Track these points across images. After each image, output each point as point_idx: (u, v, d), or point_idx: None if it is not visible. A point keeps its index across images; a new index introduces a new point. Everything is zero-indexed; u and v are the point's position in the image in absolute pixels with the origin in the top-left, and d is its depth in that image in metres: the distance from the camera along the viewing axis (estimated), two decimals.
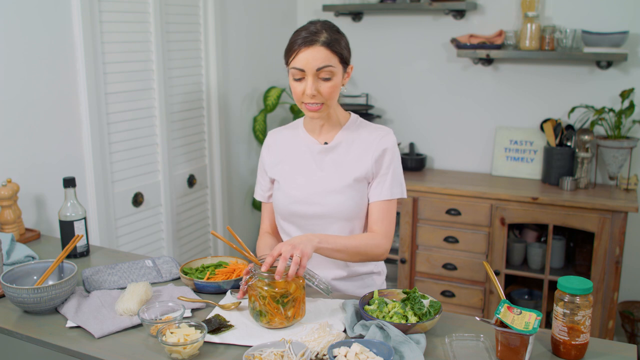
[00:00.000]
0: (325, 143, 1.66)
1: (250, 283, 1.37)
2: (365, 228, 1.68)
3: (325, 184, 1.63)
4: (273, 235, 1.81)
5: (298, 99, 1.58)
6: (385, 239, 1.60)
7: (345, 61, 1.57)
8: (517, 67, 3.21)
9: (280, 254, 1.37)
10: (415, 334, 1.29)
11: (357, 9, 3.36)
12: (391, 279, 3.28)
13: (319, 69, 1.52)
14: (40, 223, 2.15)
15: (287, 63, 1.57)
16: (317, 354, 1.22)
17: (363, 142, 1.64)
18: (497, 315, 1.26)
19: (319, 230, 1.64)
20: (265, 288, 1.34)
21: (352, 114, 1.71)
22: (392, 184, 1.62)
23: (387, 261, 3.20)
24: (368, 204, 1.64)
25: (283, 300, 1.34)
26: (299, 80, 1.55)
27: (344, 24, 3.52)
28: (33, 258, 1.77)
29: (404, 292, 1.44)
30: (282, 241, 1.72)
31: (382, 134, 1.64)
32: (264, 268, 1.35)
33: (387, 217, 1.62)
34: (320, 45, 1.52)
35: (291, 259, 1.37)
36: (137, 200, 2.54)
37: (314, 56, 1.51)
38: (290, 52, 1.55)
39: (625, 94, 2.87)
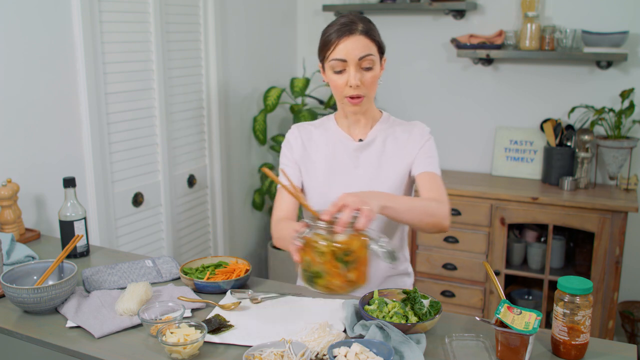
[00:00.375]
0: (360, 140, 1.63)
1: (304, 234, 1.17)
2: (402, 230, 1.67)
3: (364, 182, 1.60)
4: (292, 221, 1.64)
5: (340, 93, 1.54)
6: (445, 203, 1.50)
7: (382, 51, 1.55)
8: (517, 67, 3.21)
9: (344, 205, 1.20)
10: (415, 334, 1.29)
11: (357, 9, 3.36)
12: None
13: (360, 58, 1.49)
14: (40, 223, 2.15)
15: (325, 58, 1.53)
16: (317, 354, 1.22)
17: (399, 139, 1.62)
18: (497, 315, 1.26)
19: None
20: (324, 243, 1.15)
21: (384, 111, 1.69)
22: (437, 165, 1.61)
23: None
24: (414, 178, 1.60)
25: (344, 259, 1.15)
26: (340, 72, 1.51)
27: None
28: (33, 258, 1.77)
29: (404, 292, 1.44)
30: None
31: (415, 128, 1.63)
32: (325, 216, 1.17)
33: (440, 185, 1.56)
34: (359, 34, 1.49)
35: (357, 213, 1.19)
36: (137, 200, 2.54)
37: (354, 45, 1.48)
38: (328, 44, 1.51)
39: (625, 94, 2.87)
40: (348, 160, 1.62)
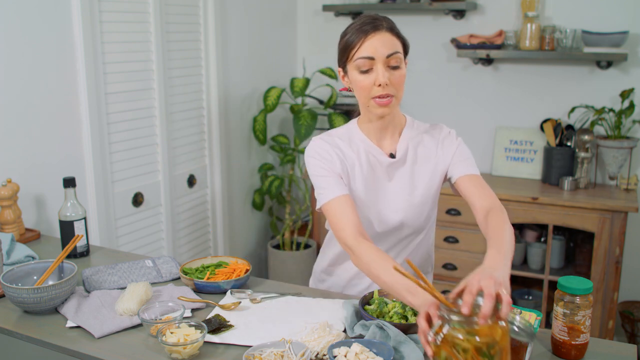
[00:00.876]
0: (392, 155, 1.53)
1: (442, 333, 1.01)
2: (432, 234, 1.64)
3: (398, 200, 1.53)
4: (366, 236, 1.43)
5: (366, 95, 1.44)
6: (500, 204, 1.43)
7: (406, 50, 1.48)
8: (517, 67, 3.21)
9: (480, 290, 1.03)
10: (415, 334, 1.29)
11: (357, 9, 3.36)
12: None
13: (388, 56, 1.41)
14: (40, 223, 2.15)
15: (348, 58, 1.44)
16: (317, 354, 1.22)
17: (428, 145, 1.56)
18: None
19: (386, 244, 1.55)
20: (466, 337, 0.99)
21: (407, 115, 1.61)
22: (475, 165, 1.55)
23: None
24: (454, 184, 1.53)
25: (489, 352, 1.00)
26: (366, 72, 1.42)
27: (344, 24, 3.51)
28: (33, 258, 1.77)
29: None
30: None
31: (440, 133, 1.57)
32: (465, 309, 1.00)
33: (486, 186, 1.48)
34: (385, 31, 1.42)
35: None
36: (137, 200, 2.54)
37: (382, 42, 1.40)
38: (352, 43, 1.42)
39: (625, 94, 2.86)
40: (382, 175, 1.53)
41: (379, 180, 1.54)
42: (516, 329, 1.07)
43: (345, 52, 1.45)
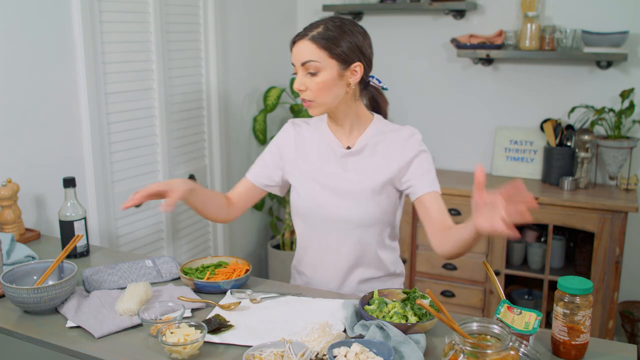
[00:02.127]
0: (349, 147, 1.62)
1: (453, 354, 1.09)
2: (393, 232, 1.68)
3: (349, 188, 1.59)
4: (230, 201, 1.72)
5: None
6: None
7: (340, 57, 1.51)
8: (517, 67, 3.21)
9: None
10: (415, 334, 1.29)
11: (357, 9, 3.36)
12: None
13: (303, 64, 1.51)
14: (40, 223, 2.15)
15: None
16: (317, 354, 1.22)
17: (390, 145, 1.60)
18: (497, 315, 1.26)
19: (340, 235, 1.62)
20: None
21: (375, 114, 1.67)
22: (434, 179, 1.59)
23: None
24: (415, 200, 1.57)
25: None
26: (296, 74, 1.56)
27: None
28: (33, 258, 1.77)
29: (404, 292, 1.44)
30: (231, 211, 1.70)
31: (407, 132, 1.61)
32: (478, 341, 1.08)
33: (444, 205, 1.55)
34: (307, 40, 1.51)
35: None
36: None
37: (299, 50, 1.53)
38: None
39: (625, 94, 2.87)
40: (336, 165, 1.62)
41: (333, 170, 1.62)
42: (524, 356, 1.16)
43: None
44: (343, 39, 1.51)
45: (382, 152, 1.60)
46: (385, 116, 1.70)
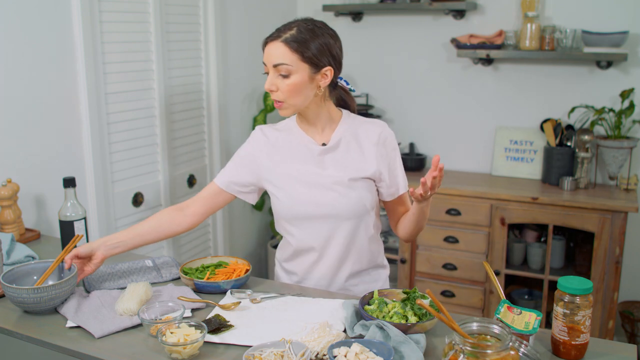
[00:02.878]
0: (324, 144, 1.65)
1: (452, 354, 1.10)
2: (376, 224, 1.71)
3: (330, 182, 1.62)
4: (182, 212, 1.68)
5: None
6: None
7: (310, 61, 1.52)
8: (517, 67, 3.21)
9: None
10: (415, 334, 1.29)
11: (357, 9, 3.36)
12: (391, 279, 3.28)
13: (275, 65, 1.52)
14: (40, 223, 2.15)
15: None
16: (317, 354, 1.22)
17: (362, 140, 1.64)
18: (497, 315, 1.26)
19: (326, 231, 1.64)
20: None
21: (343, 110, 1.70)
22: (403, 177, 1.69)
23: (387, 261, 3.20)
24: (386, 202, 1.70)
25: None
26: (267, 73, 1.57)
27: (344, 24, 3.52)
28: (33, 258, 1.77)
29: (404, 292, 1.44)
30: (189, 220, 1.68)
31: (379, 129, 1.66)
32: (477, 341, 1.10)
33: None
34: (280, 42, 1.51)
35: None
36: (137, 200, 2.54)
37: (271, 52, 1.53)
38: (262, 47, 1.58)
39: (625, 94, 2.87)
40: (313, 164, 1.64)
41: (310, 168, 1.64)
42: (524, 356, 1.16)
43: None
44: (314, 42, 1.53)
45: (358, 146, 1.64)
46: (348, 107, 1.74)
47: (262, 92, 3.40)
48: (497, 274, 2.96)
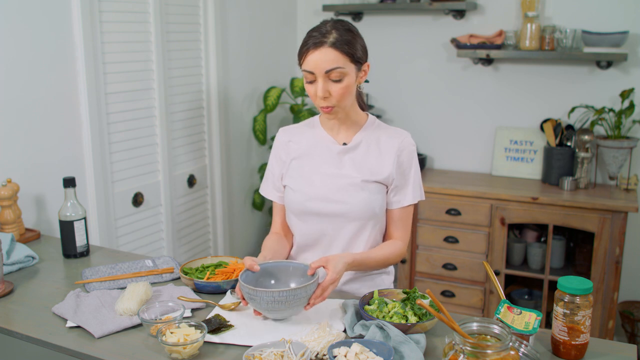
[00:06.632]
0: (344, 144, 1.65)
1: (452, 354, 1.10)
2: (381, 230, 1.69)
3: (344, 182, 1.61)
4: (282, 235, 1.74)
5: (314, 100, 1.57)
6: (405, 245, 1.67)
7: (358, 60, 1.55)
8: (517, 67, 3.21)
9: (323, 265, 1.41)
10: (415, 334, 1.29)
11: (357, 9, 3.36)
12: None
13: (328, 71, 1.50)
14: (40, 223, 2.15)
15: (300, 65, 1.56)
16: (317, 354, 1.22)
17: (383, 145, 1.64)
18: (497, 315, 1.26)
19: (331, 230, 1.63)
20: None
21: (370, 115, 1.71)
22: (414, 188, 1.65)
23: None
24: (387, 209, 1.67)
25: None
26: (311, 82, 1.54)
27: None
28: (33, 258, 1.77)
29: (404, 292, 1.44)
30: (289, 241, 1.73)
31: (401, 138, 1.65)
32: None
33: (407, 222, 1.67)
34: (328, 47, 1.49)
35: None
36: (137, 200, 2.54)
37: (322, 58, 1.49)
38: (300, 54, 1.54)
39: (625, 94, 2.87)
40: (331, 162, 1.64)
41: (328, 166, 1.64)
42: (524, 356, 1.16)
43: (298, 59, 1.58)
44: (357, 41, 1.55)
45: (378, 150, 1.64)
46: (364, 108, 1.73)
47: (262, 92, 3.40)
48: (497, 274, 2.96)
